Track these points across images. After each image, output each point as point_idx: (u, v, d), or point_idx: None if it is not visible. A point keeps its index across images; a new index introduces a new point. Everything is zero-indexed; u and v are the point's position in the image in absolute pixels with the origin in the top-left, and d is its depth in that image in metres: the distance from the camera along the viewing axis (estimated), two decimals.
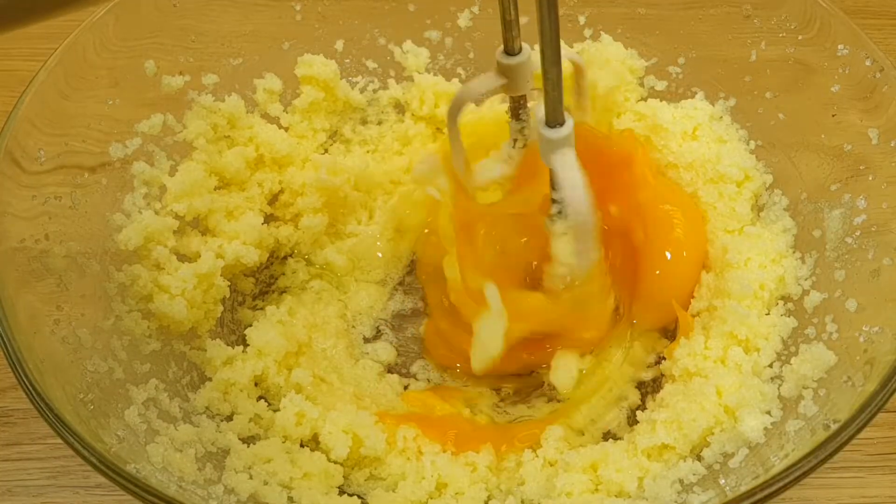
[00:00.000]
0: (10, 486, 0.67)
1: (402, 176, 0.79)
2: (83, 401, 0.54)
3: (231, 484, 0.57)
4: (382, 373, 0.72)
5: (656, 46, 0.76)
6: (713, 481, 0.58)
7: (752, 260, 0.67)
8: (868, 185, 0.63)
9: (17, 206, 0.59)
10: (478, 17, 0.79)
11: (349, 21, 0.78)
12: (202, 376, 0.66)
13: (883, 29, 0.92)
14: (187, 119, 0.71)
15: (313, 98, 0.77)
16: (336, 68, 0.77)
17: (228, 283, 0.70)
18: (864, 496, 0.67)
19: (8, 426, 0.69)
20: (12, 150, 0.59)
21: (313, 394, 0.67)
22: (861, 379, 0.54)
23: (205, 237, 0.71)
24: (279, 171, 0.75)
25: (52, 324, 0.57)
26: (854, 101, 0.65)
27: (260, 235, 0.72)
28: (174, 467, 0.55)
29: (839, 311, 0.61)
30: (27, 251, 0.58)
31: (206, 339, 0.68)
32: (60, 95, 0.63)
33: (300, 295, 0.75)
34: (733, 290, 0.65)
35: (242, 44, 0.74)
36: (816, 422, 0.55)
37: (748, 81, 0.72)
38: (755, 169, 0.71)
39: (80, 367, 0.57)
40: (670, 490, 0.58)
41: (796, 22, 0.68)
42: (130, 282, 0.64)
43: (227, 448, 0.60)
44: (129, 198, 0.67)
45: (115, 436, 0.54)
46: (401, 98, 0.81)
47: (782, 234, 0.68)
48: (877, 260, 0.60)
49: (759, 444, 0.58)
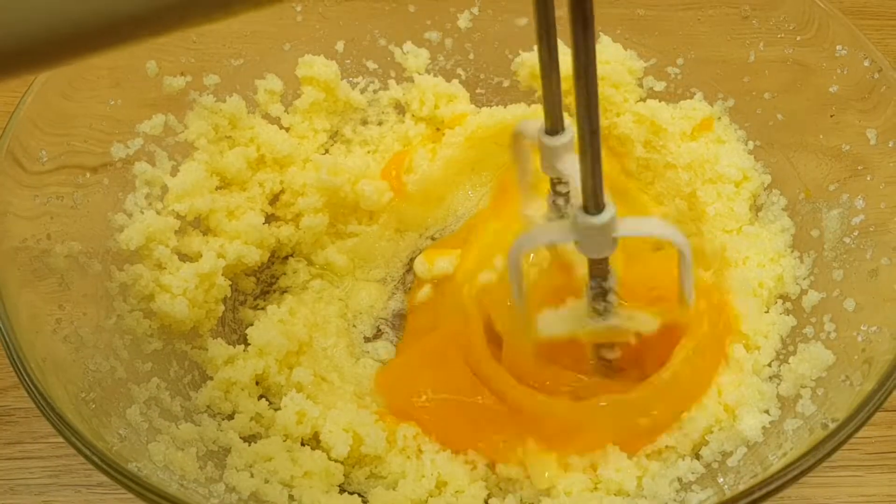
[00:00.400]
0: (13, 485, 0.67)
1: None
2: (85, 400, 0.54)
3: (232, 482, 0.57)
4: None
5: (655, 47, 0.76)
6: (712, 480, 0.58)
7: (751, 259, 0.67)
8: (866, 185, 0.63)
9: (19, 205, 0.59)
10: (477, 19, 0.79)
11: (350, 22, 0.78)
12: (203, 375, 0.66)
13: (881, 29, 0.92)
14: (188, 119, 0.71)
15: (314, 98, 0.77)
16: (337, 69, 0.77)
17: (230, 282, 0.70)
18: (862, 495, 0.67)
19: (10, 425, 0.69)
20: (14, 149, 0.59)
21: (314, 393, 0.67)
22: (859, 378, 0.54)
23: (206, 237, 0.71)
24: (280, 172, 0.76)
25: (54, 323, 0.57)
26: (852, 101, 0.65)
27: (261, 235, 0.72)
28: (175, 466, 0.55)
29: (837, 311, 0.61)
30: (29, 251, 0.58)
31: (208, 338, 0.68)
32: (62, 96, 0.63)
33: (301, 294, 0.75)
34: (732, 288, 0.65)
35: (243, 44, 0.75)
36: (815, 421, 0.55)
37: (747, 82, 0.72)
38: (753, 169, 0.71)
39: (82, 366, 0.57)
40: (669, 489, 0.59)
41: (795, 22, 0.68)
42: (132, 281, 0.64)
43: (228, 447, 0.60)
44: (130, 198, 0.67)
45: (117, 434, 0.54)
46: (401, 99, 0.81)
47: (780, 234, 0.68)
48: (875, 260, 0.61)
49: (757, 443, 0.58)
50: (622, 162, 0.77)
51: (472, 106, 0.80)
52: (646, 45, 0.76)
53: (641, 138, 0.74)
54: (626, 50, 0.75)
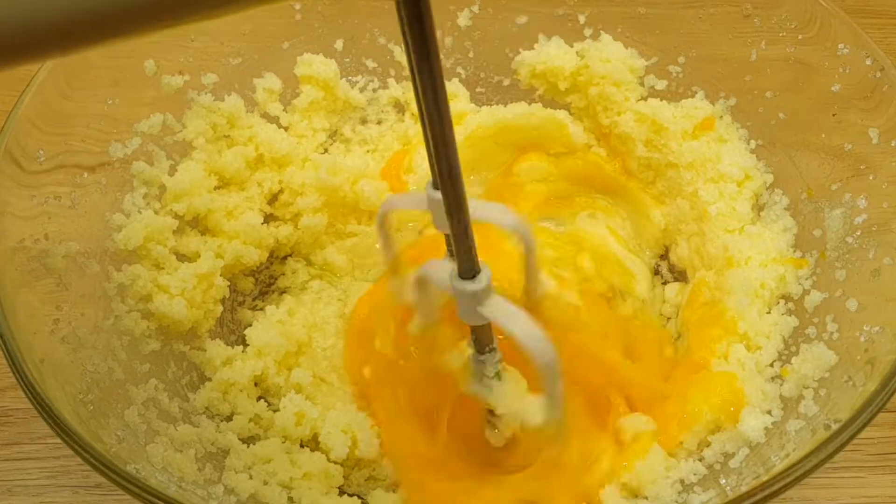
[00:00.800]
0: (10, 486, 0.67)
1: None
2: (83, 401, 0.54)
3: (231, 484, 0.57)
4: None
5: (656, 46, 0.75)
6: (714, 481, 0.58)
7: (753, 259, 0.67)
8: (869, 185, 0.63)
9: (17, 204, 0.58)
10: (477, 17, 0.79)
11: (349, 20, 0.78)
12: (202, 376, 0.66)
13: (883, 28, 0.92)
14: (187, 118, 0.71)
15: (313, 97, 0.77)
16: (336, 68, 0.77)
17: (228, 282, 0.70)
18: (864, 496, 0.67)
19: (7, 426, 0.69)
20: (12, 149, 0.59)
21: (313, 394, 0.67)
22: (862, 379, 0.54)
23: (204, 237, 0.71)
24: (279, 171, 0.75)
25: (52, 324, 0.57)
26: (854, 100, 0.65)
27: (260, 235, 0.72)
28: (174, 467, 0.55)
29: (840, 311, 0.61)
30: (27, 251, 0.58)
31: (206, 339, 0.68)
32: (60, 95, 0.62)
33: (300, 295, 0.75)
34: (734, 288, 0.65)
35: (242, 43, 0.74)
36: (817, 422, 0.55)
37: (748, 81, 0.72)
38: (755, 168, 0.71)
39: (80, 367, 0.56)
40: (671, 490, 0.58)
41: (796, 21, 0.68)
42: (130, 282, 0.64)
43: (226, 448, 0.60)
44: (128, 197, 0.67)
45: (115, 436, 0.53)
46: (400, 98, 0.81)
47: (783, 234, 0.68)
48: (877, 259, 0.60)
49: (759, 444, 0.58)
50: (623, 161, 0.77)
51: (472, 105, 0.80)
52: (647, 44, 0.75)
53: (643, 137, 0.74)
54: (627, 48, 0.75)
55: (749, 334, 0.64)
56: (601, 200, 0.79)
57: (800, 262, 0.65)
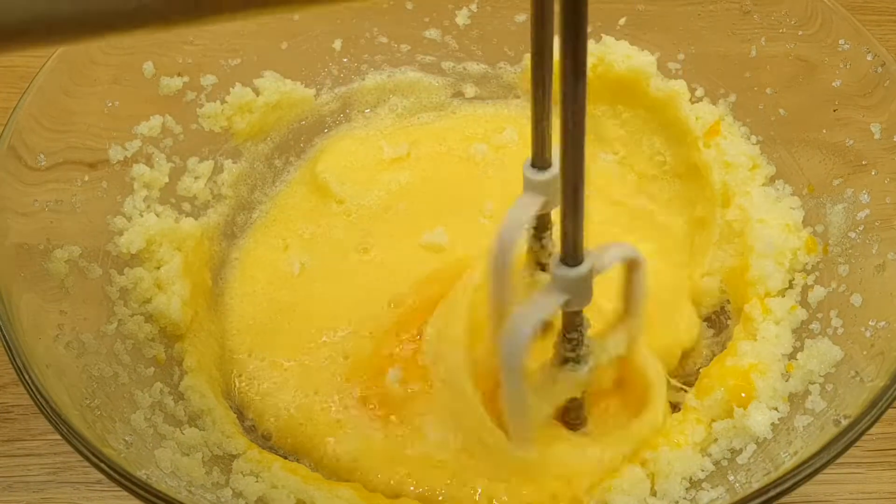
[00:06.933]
0: (11, 483, 0.66)
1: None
2: (89, 406, 0.54)
3: (239, 487, 0.56)
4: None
5: (656, 42, 0.75)
6: (722, 478, 0.58)
7: (768, 221, 0.67)
8: (871, 181, 0.63)
9: (18, 201, 0.58)
10: (476, 15, 0.79)
11: (348, 20, 0.78)
12: None
13: (883, 25, 0.93)
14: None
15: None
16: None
17: None
18: (863, 492, 0.67)
19: (8, 422, 0.69)
20: (16, 145, 0.58)
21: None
22: (870, 374, 0.54)
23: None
24: None
25: (56, 329, 0.56)
26: (856, 96, 0.65)
27: None
28: (183, 472, 0.54)
29: (844, 306, 0.61)
30: (29, 254, 0.58)
31: None
32: (63, 92, 0.62)
33: None
34: (757, 248, 0.65)
35: (241, 43, 0.74)
36: (825, 417, 0.55)
37: (748, 77, 0.72)
38: (761, 158, 0.71)
39: (85, 372, 0.56)
40: (679, 487, 0.58)
41: (797, 17, 0.68)
42: (132, 285, 0.63)
43: (233, 451, 0.60)
44: (129, 200, 0.66)
45: (123, 441, 0.53)
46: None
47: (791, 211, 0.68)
48: (881, 255, 0.60)
49: (766, 440, 0.58)
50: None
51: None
52: (646, 41, 0.75)
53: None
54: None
55: (768, 292, 0.64)
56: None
57: (811, 242, 0.65)
